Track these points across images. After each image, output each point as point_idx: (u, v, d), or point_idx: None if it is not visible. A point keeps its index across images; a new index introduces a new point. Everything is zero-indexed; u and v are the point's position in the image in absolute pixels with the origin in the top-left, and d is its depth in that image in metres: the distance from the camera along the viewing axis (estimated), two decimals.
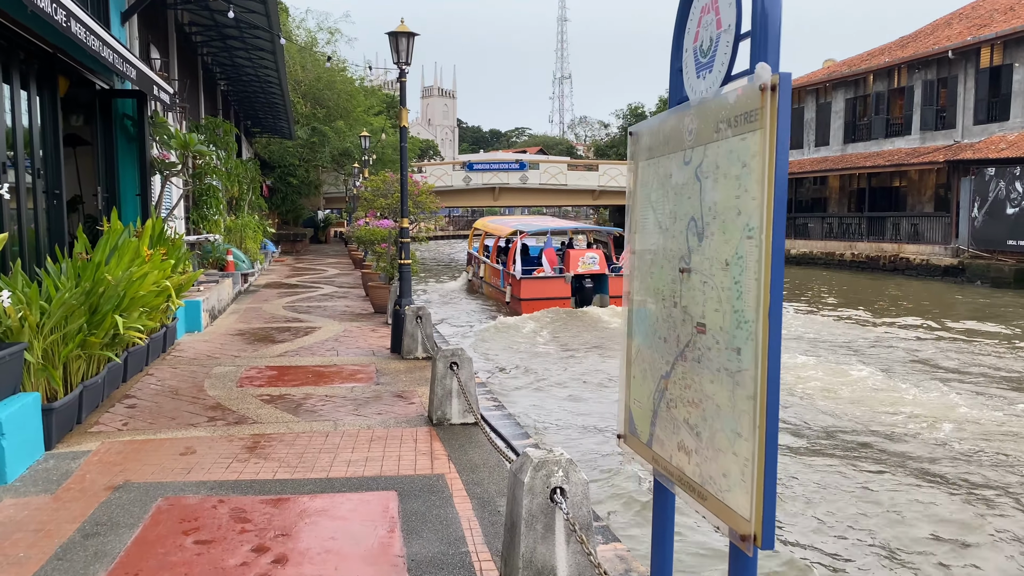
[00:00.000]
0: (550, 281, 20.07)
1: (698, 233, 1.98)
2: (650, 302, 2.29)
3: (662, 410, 2.20)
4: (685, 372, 2.05)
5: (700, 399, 1.96)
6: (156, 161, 10.10)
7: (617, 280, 20.24)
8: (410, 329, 9.29)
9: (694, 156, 2.02)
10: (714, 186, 1.90)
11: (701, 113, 1.99)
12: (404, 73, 9.52)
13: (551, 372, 12.92)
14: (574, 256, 20.60)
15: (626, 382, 2.48)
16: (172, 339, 9.90)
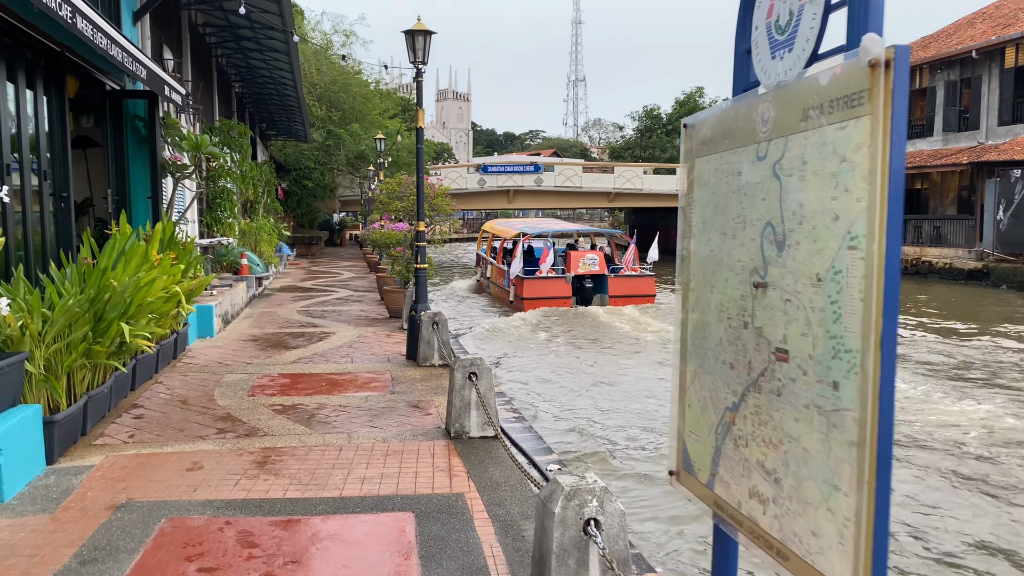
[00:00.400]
0: (551, 281, 20.80)
1: (777, 241, 1.67)
2: (711, 320, 1.98)
3: (727, 448, 1.89)
4: (759, 406, 1.74)
5: (780, 440, 1.65)
6: (167, 163, 9.88)
7: (616, 280, 21.26)
8: (426, 335, 9.01)
9: (771, 150, 1.71)
10: (800, 185, 1.59)
11: (780, 99, 1.69)
12: (420, 73, 9.25)
13: (559, 371, 13.30)
14: (575, 257, 21.27)
15: (679, 411, 2.16)
16: (183, 345, 9.66)
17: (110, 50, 6.82)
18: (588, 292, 21.28)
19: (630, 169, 45.87)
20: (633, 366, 14.07)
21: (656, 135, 63.59)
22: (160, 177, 9.76)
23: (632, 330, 17.54)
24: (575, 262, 21.28)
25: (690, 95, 64.14)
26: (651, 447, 9.09)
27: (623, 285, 21.47)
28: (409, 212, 12.96)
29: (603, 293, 21.19)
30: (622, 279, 21.68)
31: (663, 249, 51.17)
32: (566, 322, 18.73)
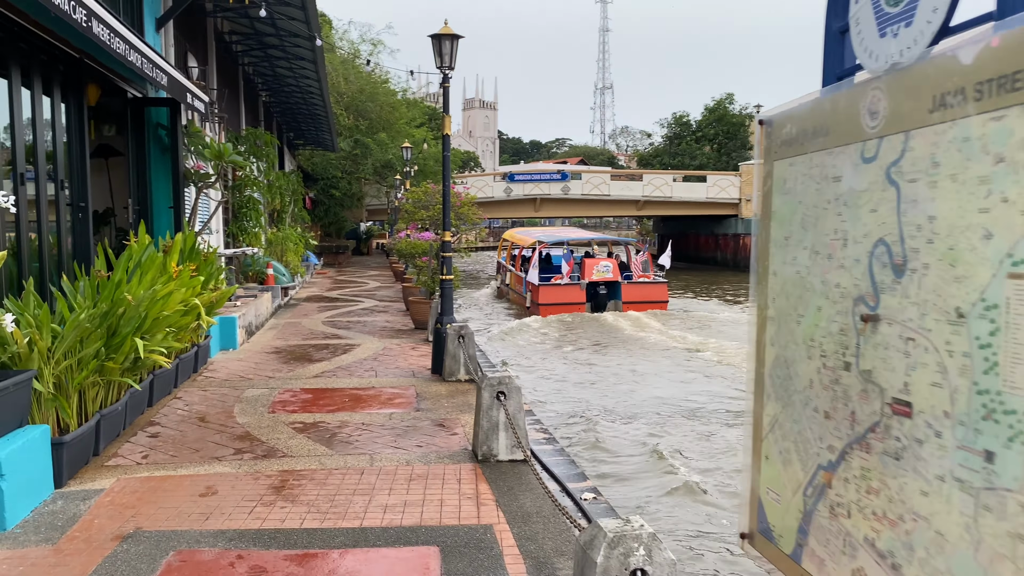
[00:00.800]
0: (566, 288, 21.90)
1: (894, 264, 1.32)
2: (797, 356, 1.63)
3: (820, 515, 1.54)
4: (868, 469, 1.39)
5: (900, 515, 1.30)
6: (190, 172, 9.70)
7: (630, 287, 22.42)
8: (452, 349, 8.70)
9: (883, 149, 1.37)
10: (929, 193, 1.24)
11: (896, 85, 1.34)
12: (448, 78, 8.97)
13: (566, 367, 14.34)
14: (589, 265, 22.39)
15: (754, 462, 1.81)
16: (204, 358, 9.44)
17: (128, 55, 6.62)
18: (602, 298, 22.21)
19: (659, 176, 45.36)
20: (635, 364, 15.23)
21: (685, 142, 62.94)
22: (182, 186, 9.58)
23: (635, 331, 18.85)
24: (589, 269, 22.24)
25: (720, 102, 63.46)
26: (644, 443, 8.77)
27: (636, 292, 22.42)
28: (435, 221, 12.68)
29: (617, 299, 22.13)
30: (635, 286, 22.60)
31: (692, 258, 50.62)
32: (579, 326, 19.72)
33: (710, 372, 14.45)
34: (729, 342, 16.91)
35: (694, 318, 21.80)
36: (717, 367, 14.85)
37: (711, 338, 17.84)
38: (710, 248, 48.70)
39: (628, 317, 20.87)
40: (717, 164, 58.77)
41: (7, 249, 5.93)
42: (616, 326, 19.82)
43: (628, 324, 19.96)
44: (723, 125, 62.26)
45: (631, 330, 19.06)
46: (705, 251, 49.36)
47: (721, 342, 17.04)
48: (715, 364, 15.08)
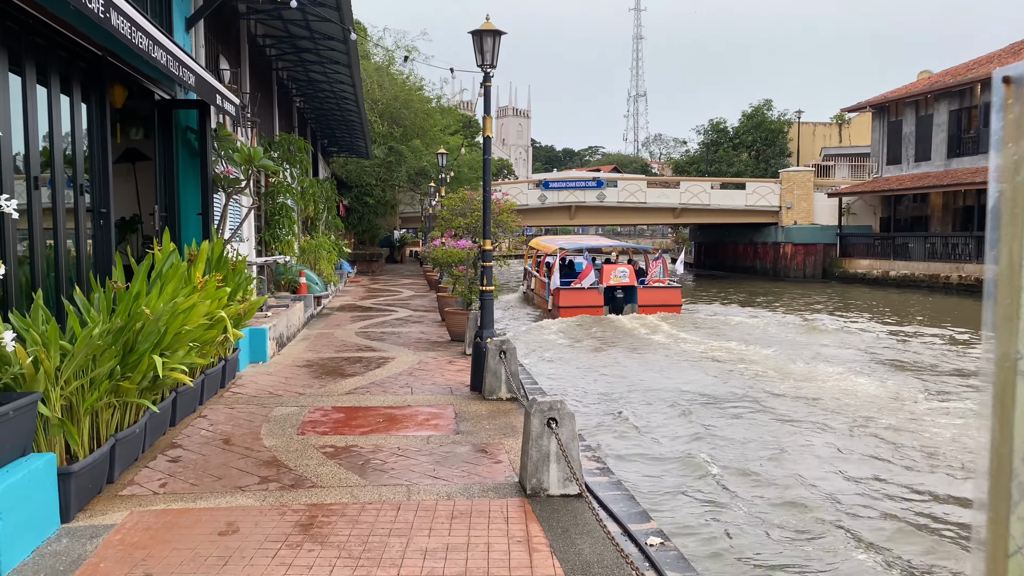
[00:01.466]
0: (585, 292, 23.34)
1: None
2: None
3: None
4: None
5: None
6: (219, 177, 9.29)
7: (645, 291, 23.89)
8: (492, 365, 8.14)
9: None
10: None
11: None
12: (489, 77, 8.44)
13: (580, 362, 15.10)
14: (607, 270, 24.03)
15: (997, 514, 1.21)
16: (233, 372, 9.00)
17: (152, 52, 6.18)
18: (619, 302, 23.65)
19: (697, 184, 44.50)
20: (631, 357, 16.53)
21: (722, 149, 61.85)
22: (211, 192, 9.17)
23: (648, 333, 20.19)
24: (607, 275, 23.85)
25: (758, 108, 62.29)
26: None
27: (651, 296, 23.89)
28: (472, 229, 12.15)
29: (633, 303, 23.58)
30: (650, 290, 24.08)
31: (730, 267, 49.58)
32: (595, 326, 21.23)
33: (707, 367, 15.38)
34: (731, 343, 18.15)
35: (708, 321, 22.95)
36: (707, 362, 15.95)
37: (716, 339, 18.93)
38: (748, 257, 47.66)
39: (641, 319, 22.43)
40: (755, 171, 57.62)
41: (17, 259, 5.50)
42: (628, 327, 21.32)
43: (639, 325, 21.55)
44: (761, 132, 61.08)
45: (642, 331, 20.55)
46: (743, 260, 48.32)
47: (722, 343, 18.25)
48: (704, 359, 16.25)
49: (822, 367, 15.02)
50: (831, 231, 42.36)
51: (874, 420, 10.89)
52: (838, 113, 63.38)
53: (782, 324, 22.48)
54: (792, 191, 43.07)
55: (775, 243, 43.83)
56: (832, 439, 9.98)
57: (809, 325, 22.25)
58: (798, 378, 14.01)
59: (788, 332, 20.80)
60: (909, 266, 36.28)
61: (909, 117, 40.32)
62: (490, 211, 8.66)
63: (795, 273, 42.41)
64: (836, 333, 20.59)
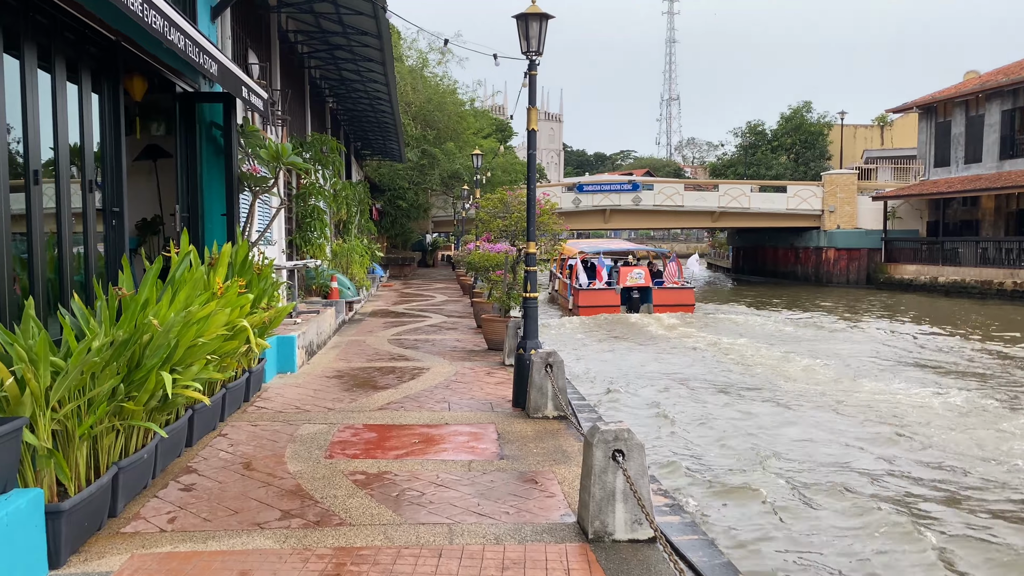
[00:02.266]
0: (603, 292, 25.48)
1: None
2: None
3: None
4: None
5: None
6: (245, 176, 8.69)
7: (660, 292, 25.97)
8: (537, 380, 7.42)
9: None
10: None
11: None
12: (535, 64, 7.74)
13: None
14: (624, 272, 26.01)
15: None
16: (258, 385, 8.39)
17: (168, 34, 5.58)
18: (635, 302, 25.67)
19: (736, 187, 43.36)
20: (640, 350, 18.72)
21: (760, 152, 60.52)
22: (237, 191, 8.57)
23: (659, 329, 22.31)
24: (624, 276, 25.81)
25: (797, 110, 60.91)
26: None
27: (666, 296, 25.87)
28: (511, 231, 11.45)
29: (648, 303, 25.61)
30: (665, 291, 26.12)
31: (770, 272, 48.47)
32: (612, 324, 23.31)
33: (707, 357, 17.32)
34: (733, 339, 19.79)
35: (717, 320, 24.76)
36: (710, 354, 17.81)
37: (722, 336, 20.36)
38: (789, 262, 46.36)
39: (655, 318, 24.41)
40: (794, 174, 56.30)
41: (12, 264, 4.90)
42: (640, 324, 23.45)
43: (651, 322, 23.63)
44: (800, 134, 59.76)
45: (653, 328, 22.70)
46: (784, 265, 47.03)
47: (725, 339, 19.82)
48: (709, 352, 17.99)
49: (894, 384, 14.11)
50: (875, 235, 40.98)
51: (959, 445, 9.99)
52: (880, 115, 61.80)
53: (840, 332, 21.57)
54: (835, 194, 41.76)
55: (817, 248, 42.53)
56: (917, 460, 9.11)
57: (880, 338, 21.26)
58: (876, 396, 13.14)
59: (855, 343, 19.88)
60: (959, 272, 34.84)
61: (958, 118, 38.83)
62: (535, 211, 7.95)
63: (838, 278, 41.08)
64: (902, 342, 19.59)
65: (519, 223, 11.13)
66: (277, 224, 13.03)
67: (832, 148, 59.00)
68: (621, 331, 21.96)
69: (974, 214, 37.72)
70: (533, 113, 7.74)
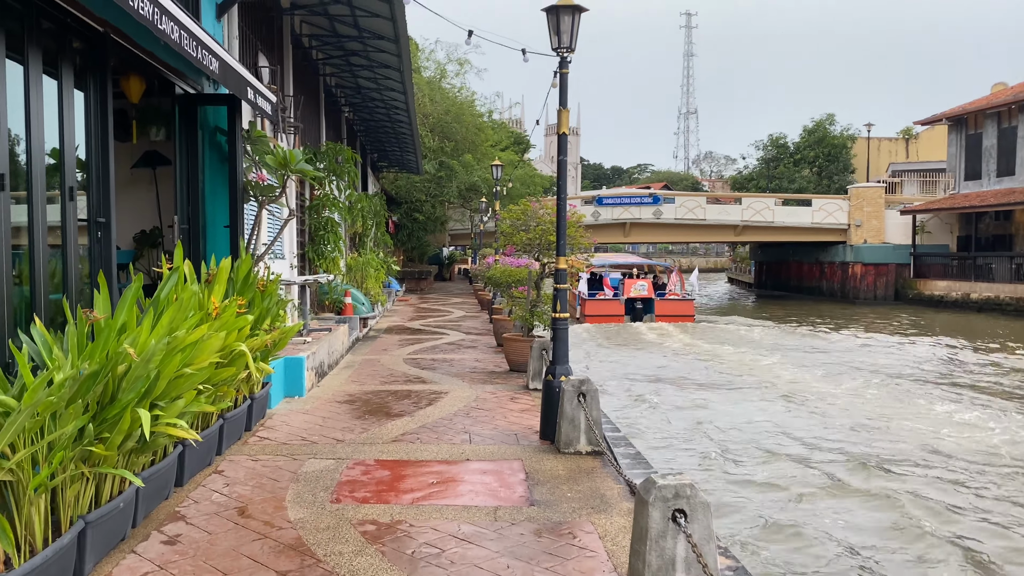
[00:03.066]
0: (608, 302, 27.63)
1: None
2: None
3: None
4: None
5: None
6: (251, 184, 8.05)
7: (662, 303, 28.18)
8: (569, 411, 6.66)
9: None
10: None
11: None
12: (566, 62, 7.04)
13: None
14: (628, 284, 28.51)
15: None
16: (261, 411, 7.69)
17: (159, 23, 4.93)
18: (639, 312, 27.79)
19: (759, 200, 42.43)
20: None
21: (783, 165, 59.55)
22: (240, 201, 7.91)
23: (656, 338, 24.13)
24: (628, 288, 28.12)
25: (820, 123, 59.93)
26: None
27: (667, 307, 27.94)
28: (536, 245, 10.73)
29: (651, 313, 27.63)
30: (666, 302, 28.24)
31: (794, 287, 47.65)
32: (616, 332, 25.31)
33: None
34: (725, 347, 21.61)
35: (715, 330, 26.60)
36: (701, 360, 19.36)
37: (715, 344, 22.34)
38: (814, 277, 45.33)
39: (657, 327, 26.23)
40: (817, 188, 55.31)
41: None
42: (641, 332, 25.47)
43: (650, 331, 25.70)
44: (823, 147, 58.76)
45: (647, 334, 24.91)
46: (808, 280, 45.98)
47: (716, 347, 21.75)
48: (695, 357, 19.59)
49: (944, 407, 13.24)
50: (904, 250, 39.91)
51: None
52: (906, 128, 60.70)
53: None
54: (861, 208, 40.75)
55: (843, 263, 41.49)
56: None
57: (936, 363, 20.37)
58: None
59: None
60: (992, 288, 33.73)
61: (990, 130, 37.79)
62: (565, 223, 7.23)
63: (865, 294, 40.00)
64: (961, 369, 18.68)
65: (544, 236, 10.41)
66: (288, 237, 12.40)
67: (856, 161, 57.96)
68: (624, 338, 24.00)
69: (1007, 228, 36.59)
70: (565, 116, 7.03)
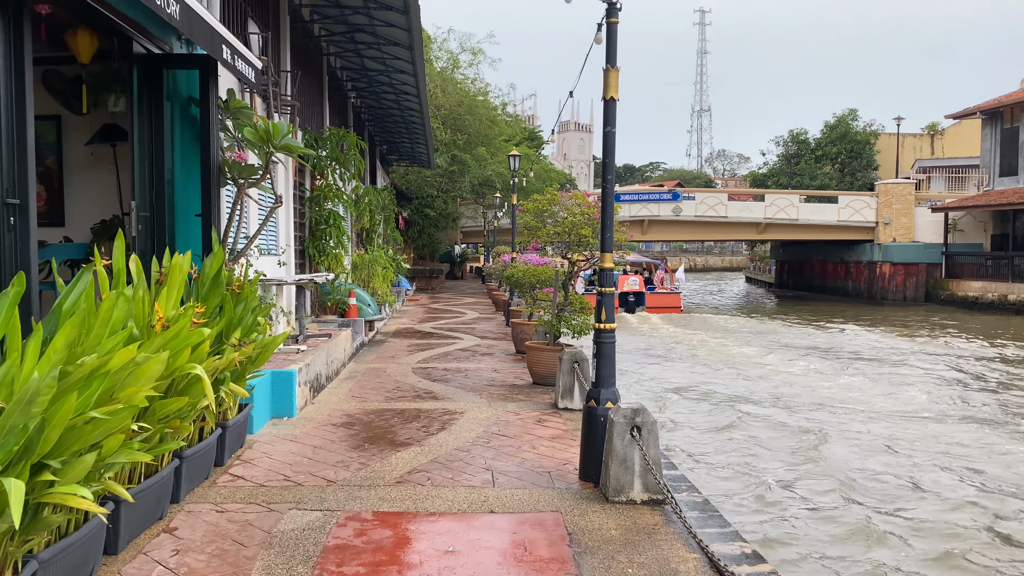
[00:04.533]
0: None
1: None
2: None
3: None
4: None
5: None
6: (228, 164, 6.68)
7: (652, 296, 32.04)
8: (620, 449, 5.26)
9: None
10: None
11: None
12: (615, 10, 5.64)
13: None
14: (621, 279, 30.67)
15: None
16: (239, 439, 6.33)
17: None
18: (631, 304, 31.34)
19: (783, 197, 40.82)
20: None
21: (804, 161, 57.79)
22: (214, 184, 6.54)
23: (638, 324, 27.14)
24: (621, 283, 30.53)
25: (842, 118, 58.13)
26: None
27: (656, 300, 31.87)
28: (567, 240, 9.33)
29: (642, 305, 31.29)
30: (656, 295, 32.16)
31: (817, 287, 46.23)
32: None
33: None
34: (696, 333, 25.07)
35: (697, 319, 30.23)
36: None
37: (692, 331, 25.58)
38: (839, 276, 43.71)
39: (644, 318, 29.40)
40: (840, 184, 53.62)
41: None
42: (633, 322, 28.10)
43: (637, 320, 28.93)
44: (845, 143, 56.96)
45: (636, 323, 28.00)
46: (832, 280, 44.36)
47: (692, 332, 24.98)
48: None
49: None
50: (935, 249, 38.23)
51: None
52: (930, 123, 58.86)
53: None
54: (890, 205, 39.10)
55: (871, 262, 39.85)
56: None
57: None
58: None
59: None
60: None
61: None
62: (612, 210, 5.82)
63: (894, 295, 38.35)
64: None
65: (575, 229, 9.00)
66: (283, 230, 11.04)
67: (879, 158, 56.21)
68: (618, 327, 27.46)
69: None
70: (613, 76, 5.63)
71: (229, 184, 6.93)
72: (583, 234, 8.91)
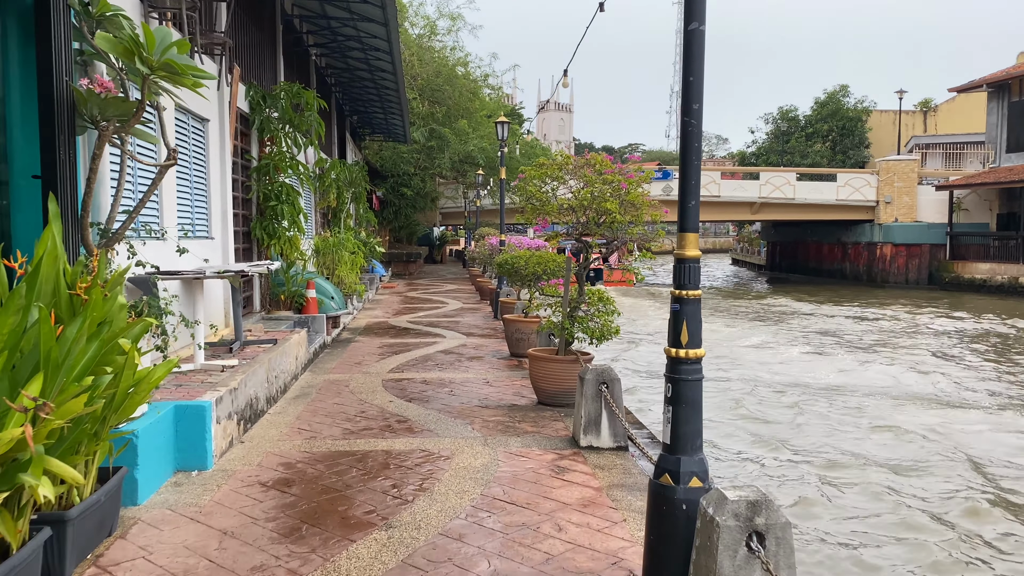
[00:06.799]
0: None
1: None
2: None
3: None
4: None
5: None
6: (84, 96, 4.32)
7: (609, 272, 34.91)
8: (728, 571, 3.01)
9: None
10: None
11: None
12: None
13: None
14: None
15: None
16: (107, 524, 4.01)
17: None
18: (592, 279, 32.44)
19: (779, 175, 38.76)
20: None
21: (794, 139, 55.80)
22: (67, 132, 4.17)
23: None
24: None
25: (832, 94, 56.18)
26: None
27: (613, 275, 34.98)
28: (589, 216, 7.05)
29: (600, 280, 33.70)
30: (613, 271, 34.87)
31: (812, 270, 44.40)
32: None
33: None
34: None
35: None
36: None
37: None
38: (835, 258, 41.85)
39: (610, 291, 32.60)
40: (832, 162, 51.78)
41: None
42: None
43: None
44: (837, 120, 55.05)
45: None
46: (829, 262, 42.50)
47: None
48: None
49: None
50: (938, 229, 36.38)
51: None
52: (923, 99, 57.04)
53: None
54: (891, 183, 37.17)
55: (870, 243, 37.96)
56: None
57: None
58: None
59: None
60: None
61: None
62: (698, 167, 3.55)
63: (895, 278, 36.52)
64: None
65: (597, 203, 6.71)
66: (218, 206, 8.66)
67: (871, 136, 54.41)
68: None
69: None
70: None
71: (90, 129, 4.53)
72: (608, 208, 6.62)
